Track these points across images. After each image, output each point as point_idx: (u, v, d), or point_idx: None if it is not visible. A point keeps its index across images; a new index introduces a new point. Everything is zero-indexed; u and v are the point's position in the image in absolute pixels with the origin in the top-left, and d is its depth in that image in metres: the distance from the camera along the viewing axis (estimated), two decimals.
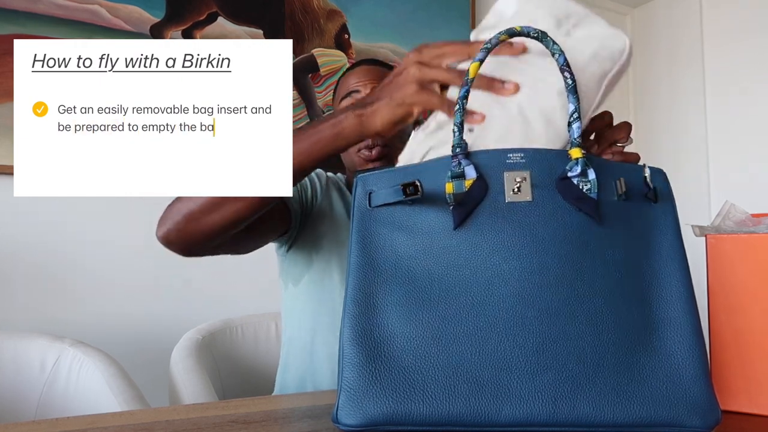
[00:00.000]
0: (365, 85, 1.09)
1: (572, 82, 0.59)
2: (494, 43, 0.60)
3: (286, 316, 1.14)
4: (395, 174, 0.61)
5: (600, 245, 0.57)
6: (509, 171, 0.57)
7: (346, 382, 0.56)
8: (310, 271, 1.08)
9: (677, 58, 2.92)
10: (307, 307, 1.07)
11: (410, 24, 2.21)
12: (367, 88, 1.08)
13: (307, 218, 1.09)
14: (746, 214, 0.71)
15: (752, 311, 0.67)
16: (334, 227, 1.09)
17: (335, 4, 2.07)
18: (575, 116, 0.59)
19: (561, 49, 0.59)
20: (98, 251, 1.66)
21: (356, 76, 1.11)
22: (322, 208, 1.10)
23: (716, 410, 0.55)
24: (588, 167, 0.57)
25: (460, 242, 0.57)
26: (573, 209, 0.57)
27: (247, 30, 1.91)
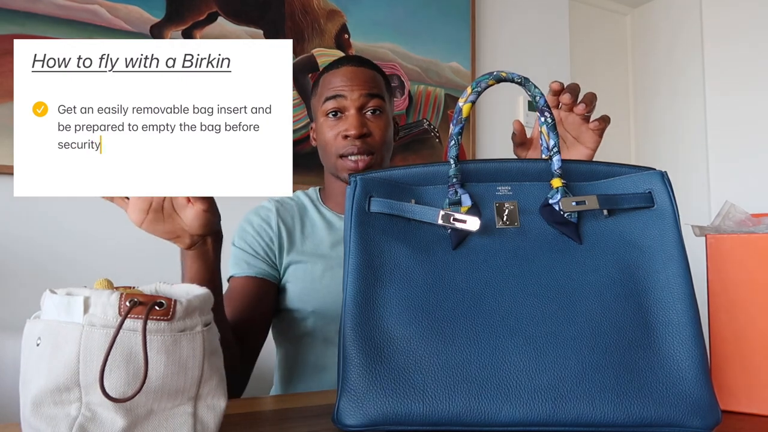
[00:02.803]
0: (351, 90, 1.04)
1: (552, 120, 0.66)
2: (483, 86, 0.65)
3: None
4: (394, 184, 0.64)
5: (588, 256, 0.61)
6: (499, 201, 0.63)
7: (347, 382, 0.56)
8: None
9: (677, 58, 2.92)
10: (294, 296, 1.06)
11: (410, 24, 2.21)
12: (353, 94, 1.04)
13: (288, 267, 1.06)
14: (746, 214, 0.71)
15: (752, 311, 0.67)
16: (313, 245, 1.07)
17: (335, 4, 2.07)
18: (555, 150, 0.64)
19: (542, 92, 0.67)
20: (98, 251, 1.66)
21: (342, 78, 1.06)
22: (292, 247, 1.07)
23: (716, 410, 0.55)
24: (568, 195, 0.63)
25: (456, 258, 0.60)
26: (557, 231, 0.62)
27: (247, 30, 1.91)
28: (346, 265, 0.60)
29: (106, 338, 0.46)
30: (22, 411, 0.48)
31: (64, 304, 0.48)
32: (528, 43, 2.55)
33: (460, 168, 0.64)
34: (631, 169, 0.65)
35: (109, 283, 0.53)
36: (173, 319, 0.47)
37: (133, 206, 0.71)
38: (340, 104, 1.05)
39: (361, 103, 1.05)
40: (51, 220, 1.62)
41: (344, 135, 1.04)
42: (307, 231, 1.08)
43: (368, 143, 1.04)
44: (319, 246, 1.07)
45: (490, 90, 1.08)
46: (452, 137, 0.65)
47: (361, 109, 1.05)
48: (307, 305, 1.03)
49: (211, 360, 0.51)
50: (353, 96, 1.04)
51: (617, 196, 0.63)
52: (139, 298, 0.47)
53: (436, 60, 2.26)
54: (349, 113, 1.04)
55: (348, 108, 1.05)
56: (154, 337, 0.46)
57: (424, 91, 2.23)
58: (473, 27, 2.36)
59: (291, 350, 1.08)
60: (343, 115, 1.05)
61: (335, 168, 1.07)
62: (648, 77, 3.06)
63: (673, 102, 2.94)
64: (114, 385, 0.46)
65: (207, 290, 0.52)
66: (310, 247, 1.06)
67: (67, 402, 0.47)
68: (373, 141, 1.05)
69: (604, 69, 3.05)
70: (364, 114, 1.05)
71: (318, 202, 1.14)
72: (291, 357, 1.08)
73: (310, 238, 1.07)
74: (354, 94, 1.04)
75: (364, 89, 1.05)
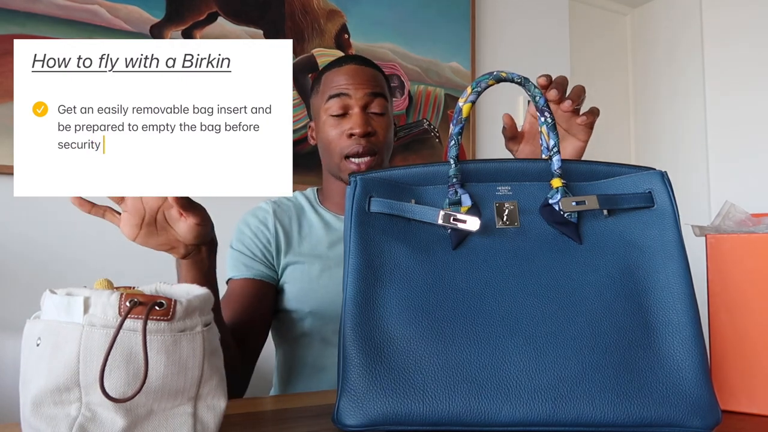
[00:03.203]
0: (356, 89, 1.04)
1: (551, 120, 0.66)
2: (483, 86, 0.65)
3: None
4: (394, 184, 0.64)
5: (588, 256, 0.61)
6: (499, 201, 0.63)
7: (347, 382, 0.56)
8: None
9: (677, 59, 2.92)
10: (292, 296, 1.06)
11: (410, 24, 2.21)
12: (358, 93, 1.04)
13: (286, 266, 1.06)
14: (746, 214, 0.71)
15: (752, 311, 0.67)
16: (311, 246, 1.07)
17: (335, 4, 2.07)
18: (555, 150, 0.64)
19: (541, 92, 0.67)
20: (98, 251, 1.66)
21: (345, 77, 1.05)
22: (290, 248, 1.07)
23: (716, 410, 0.55)
24: (568, 195, 0.63)
25: (456, 258, 0.60)
26: (557, 231, 0.62)
27: (247, 30, 1.91)
28: (346, 265, 0.60)
29: (106, 338, 0.46)
30: (22, 411, 0.48)
31: (64, 304, 0.48)
32: (528, 43, 2.55)
33: (460, 168, 0.64)
34: (631, 169, 0.65)
35: (109, 283, 0.53)
36: (173, 319, 0.47)
37: (126, 221, 0.71)
38: (344, 102, 1.04)
39: (366, 102, 1.05)
40: (51, 220, 1.62)
41: (349, 133, 1.03)
42: (305, 232, 1.08)
43: (372, 142, 1.04)
44: (317, 246, 1.06)
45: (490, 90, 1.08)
46: (452, 137, 0.65)
47: (364, 108, 1.05)
48: (305, 306, 1.03)
49: (211, 360, 0.51)
50: (357, 95, 1.04)
51: (617, 196, 0.63)
52: (139, 298, 0.47)
53: (436, 60, 2.26)
54: (353, 112, 1.04)
55: (352, 106, 1.04)
56: (154, 337, 0.46)
57: (424, 91, 2.23)
58: (473, 27, 2.36)
59: (289, 351, 1.08)
60: (346, 113, 1.05)
61: (338, 168, 1.06)
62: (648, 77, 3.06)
63: (673, 102, 2.94)
64: (114, 386, 0.46)
65: (207, 290, 0.52)
66: (308, 248, 1.06)
67: (67, 402, 0.47)
68: (377, 140, 1.05)
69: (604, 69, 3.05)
70: (367, 113, 1.05)
71: (316, 202, 1.14)
72: (289, 358, 1.08)
73: (308, 238, 1.07)
74: (358, 92, 1.04)
75: (368, 88, 1.05)
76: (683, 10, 2.90)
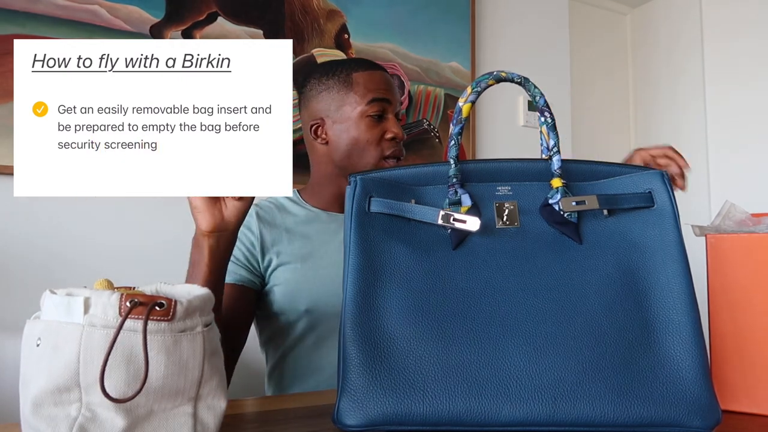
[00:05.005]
0: (392, 95, 1.10)
1: (552, 120, 0.65)
2: (483, 86, 0.65)
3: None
4: (394, 184, 0.64)
5: (587, 256, 0.61)
6: (499, 201, 0.63)
7: (347, 382, 0.56)
8: None
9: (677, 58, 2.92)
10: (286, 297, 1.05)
11: (410, 24, 2.21)
12: (394, 99, 1.10)
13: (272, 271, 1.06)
14: (746, 214, 0.71)
15: (752, 311, 0.67)
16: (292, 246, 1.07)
17: (335, 4, 2.07)
18: (555, 150, 0.64)
19: (541, 92, 0.67)
20: (98, 251, 1.66)
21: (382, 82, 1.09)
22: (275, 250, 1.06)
23: (717, 410, 0.55)
24: (568, 194, 0.63)
25: (456, 258, 0.60)
26: (557, 231, 0.62)
27: (247, 30, 1.91)
28: (346, 265, 0.60)
29: (106, 339, 0.46)
30: (22, 411, 0.48)
31: (64, 305, 0.48)
32: (528, 43, 2.55)
33: (460, 168, 0.64)
34: (631, 169, 0.65)
35: (109, 283, 0.53)
36: (174, 319, 0.47)
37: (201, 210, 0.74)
38: (384, 107, 1.08)
39: (398, 109, 1.12)
40: (51, 220, 1.62)
41: (390, 137, 1.08)
42: (291, 232, 1.08)
43: (402, 146, 1.11)
44: (306, 245, 1.06)
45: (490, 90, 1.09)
46: (452, 137, 0.65)
47: (396, 115, 1.12)
48: (300, 305, 1.03)
49: (212, 360, 0.51)
50: (394, 101, 1.10)
51: (617, 196, 0.63)
52: (139, 298, 0.47)
53: (436, 60, 2.26)
54: (389, 116, 1.09)
55: (389, 111, 1.10)
56: (154, 337, 0.46)
57: (424, 91, 2.23)
58: (473, 27, 2.36)
59: (282, 354, 1.08)
60: (383, 117, 1.09)
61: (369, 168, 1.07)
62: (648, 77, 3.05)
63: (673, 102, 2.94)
64: (114, 386, 0.46)
65: (208, 290, 0.52)
66: (296, 248, 1.06)
67: (67, 402, 0.47)
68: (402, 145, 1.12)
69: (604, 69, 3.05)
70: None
71: (299, 201, 1.14)
72: (283, 361, 1.08)
73: (294, 238, 1.07)
74: (394, 99, 1.10)
75: (398, 97, 1.12)
76: (683, 10, 2.89)
